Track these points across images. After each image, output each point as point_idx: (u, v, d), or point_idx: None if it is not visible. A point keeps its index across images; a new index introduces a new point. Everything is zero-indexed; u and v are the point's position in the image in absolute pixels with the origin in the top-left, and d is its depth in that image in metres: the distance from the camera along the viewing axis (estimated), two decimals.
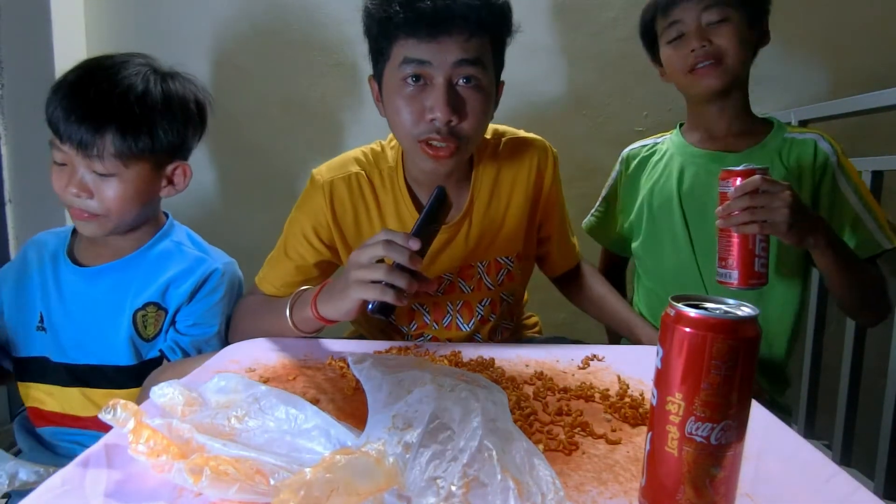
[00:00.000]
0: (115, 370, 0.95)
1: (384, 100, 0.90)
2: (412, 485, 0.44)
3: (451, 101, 0.83)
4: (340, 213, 0.98)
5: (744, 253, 0.85)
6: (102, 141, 0.87)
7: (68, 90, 0.89)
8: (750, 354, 0.43)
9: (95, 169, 0.89)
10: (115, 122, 0.87)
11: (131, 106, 0.89)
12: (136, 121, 0.89)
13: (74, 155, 0.88)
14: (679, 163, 1.13)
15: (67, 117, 0.87)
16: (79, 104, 0.87)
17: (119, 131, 0.88)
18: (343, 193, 0.97)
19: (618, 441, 0.59)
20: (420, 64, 0.83)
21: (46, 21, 1.53)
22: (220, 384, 0.60)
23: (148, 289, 0.96)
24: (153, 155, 0.93)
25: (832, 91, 1.57)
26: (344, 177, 0.98)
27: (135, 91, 0.90)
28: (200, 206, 1.72)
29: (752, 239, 0.84)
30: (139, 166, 0.92)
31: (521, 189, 1.01)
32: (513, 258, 1.03)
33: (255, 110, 1.70)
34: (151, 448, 0.48)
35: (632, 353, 0.88)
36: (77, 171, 0.90)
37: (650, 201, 1.15)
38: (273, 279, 1.02)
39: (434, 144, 0.85)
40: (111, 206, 0.91)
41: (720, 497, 0.44)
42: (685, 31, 1.04)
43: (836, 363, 1.23)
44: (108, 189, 0.90)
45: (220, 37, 1.67)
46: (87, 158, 0.88)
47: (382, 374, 0.65)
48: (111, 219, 0.93)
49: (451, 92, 0.83)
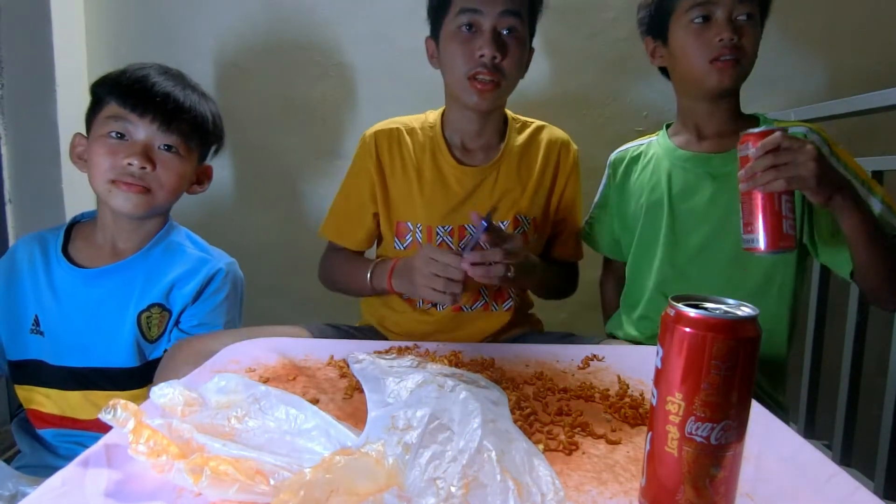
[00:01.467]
0: (119, 372, 0.95)
1: (441, 49, 1.05)
2: (412, 485, 0.44)
3: (496, 41, 0.99)
4: (385, 161, 1.11)
5: (770, 214, 0.81)
6: (181, 118, 0.96)
7: (150, 70, 0.97)
8: (750, 354, 0.43)
9: (168, 141, 0.96)
10: (189, 107, 0.98)
11: (194, 101, 1.00)
12: (199, 115, 1.00)
13: (152, 128, 0.94)
14: (667, 167, 1.11)
15: (150, 94, 0.94)
16: (167, 79, 0.97)
17: (193, 115, 0.99)
18: (384, 143, 1.11)
19: (618, 441, 0.59)
20: (472, 13, 0.99)
21: (46, 21, 1.53)
22: (220, 384, 0.60)
23: (152, 290, 0.96)
24: (202, 150, 1.05)
25: (832, 91, 1.57)
26: (385, 130, 1.12)
27: (192, 92, 1.01)
28: (201, 206, 1.71)
29: (777, 199, 0.80)
30: (193, 154, 1.02)
31: (545, 166, 1.12)
32: (530, 220, 1.10)
33: (256, 111, 1.70)
34: (151, 448, 0.48)
35: (632, 353, 0.88)
36: (140, 144, 0.94)
37: (640, 203, 1.14)
38: (338, 230, 1.16)
39: (480, 79, 1.00)
40: (166, 181, 0.96)
41: (720, 497, 0.44)
42: (714, 17, 0.99)
43: (836, 363, 1.23)
44: (170, 163, 0.97)
45: (221, 37, 1.67)
46: (166, 132, 0.95)
47: (382, 375, 0.66)
48: (158, 197, 0.97)
49: (496, 35, 0.99)
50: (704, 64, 1.00)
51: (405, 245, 1.10)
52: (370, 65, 1.65)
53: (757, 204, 0.81)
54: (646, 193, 1.13)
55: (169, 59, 1.00)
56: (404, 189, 1.09)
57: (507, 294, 1.10)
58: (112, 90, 0.95)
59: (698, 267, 1.08)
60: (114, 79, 0.96)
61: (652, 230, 1.12)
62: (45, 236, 1.01)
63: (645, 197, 1.13)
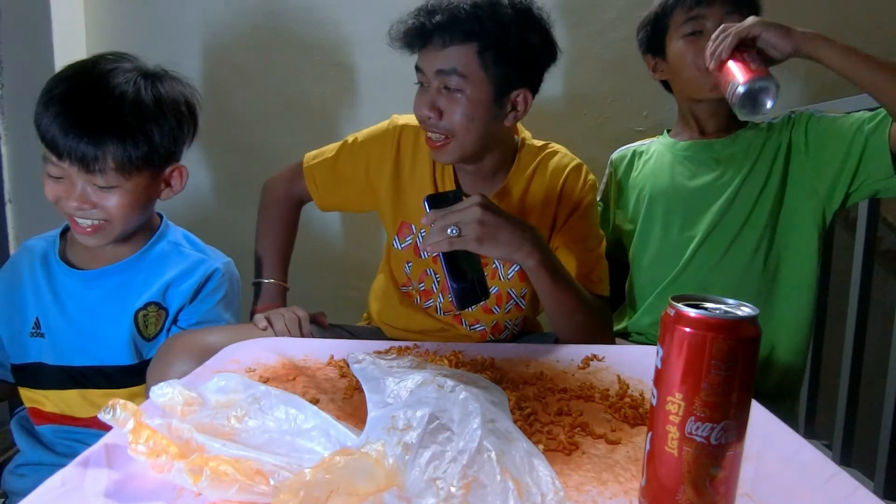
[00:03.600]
0: (115, 370, 0.95)
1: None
2: (412, 485, 0.44)
3: (431, 101, 0.96)
4: (405, 156, 1.09)
5: (741, 64, 0.93)
6: (104, 155, 0.86)
7: (62, 105, 0.86)
8: (750, 354, 0.43)
9: (97, 182, 0.88)
10: (114, 134, 0.86)
11: (127, 117, 0.87)
12: (133, 131, 0.88)
13: (76, 171, 0.87)
14: (669, 159, 1.16)
15: (65, 133, 0.85)
16: (75, 119, 0.85)
17: (119, 144, 0.87)
18: (409, 139, 1.09)
19: (618, 441, 0.59)
20: (418, 70, 0.98)
21: (46, 21, 1.53)
22: (219, 384, 0.60)
23: (149, 289, 0.97)
24: (152, 162, 0.92)
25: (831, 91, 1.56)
26: (413, 126, 1.09)
27: (127, 100, 0.88)
28: (200, 207, 1.72)
29: (740, 56, 0.93)
30: (140, 176, 0.91)
31: (548, 197, 1.06)
32: None
33: (255, 110, 1.69)
34: (151, 448, 0.48)
35: (632, 353, 0.88)
36: (76, 185, 0.88)
37: (643, 195, 1.18)
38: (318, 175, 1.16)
39: (429, 135, 0.99)
40: (114, 214, 0.91)
41: (720, 497, 0.44)
42: (705, 29, 1.05)
43: (836, 363, 1.23)
44: (110, 200, 0.90)
45: (221, 37, 1.67)
46: (89, 173, 0.87)
47: (382, 375, 0.66)
48: (114, 226, 0.92)
49: (435, 94, 0.96)
50: (700, 72, 1.05)
51: (403, 245, 1.10)
52: (370, 65, 1.65)
53: (730, 69, 0.93)
54: (648, 185, 1.17)
55: (169, 59, 0.99)
56: (416, 190, 1.08)
57: (502, 326, 1.09)
58: (37, 125, 0.87)
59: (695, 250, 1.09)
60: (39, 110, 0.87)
61: (654, 219, 1.14)
62: (42, 239, 1.02)
63: (648, 188, 1.16)
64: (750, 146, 1.09)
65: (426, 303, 1.10)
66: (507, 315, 1.08)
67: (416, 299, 1.10)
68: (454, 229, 0.80)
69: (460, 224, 0.80)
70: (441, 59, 0.93)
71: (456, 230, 0.80)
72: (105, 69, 0.90)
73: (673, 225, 1.13)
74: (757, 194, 1.07)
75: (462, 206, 0.82)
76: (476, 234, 0.80)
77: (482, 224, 0.81)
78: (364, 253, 1.69)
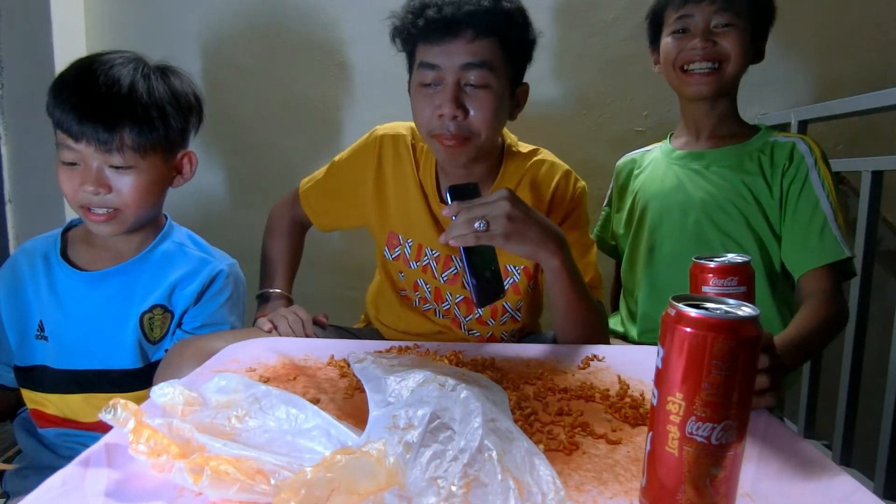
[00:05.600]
0: (121, 374, 0.94)
1: (411, 99, 0.98)
2: (413, 484, 0.44)
3: (457, 99, 0.90)
4: (386, 168, 1.08)
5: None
6: (120, 135, 0.88)
7: (74, 89, 0.88)
8: (750, 354, 0.43)
9: (113, 163, 0.89)
10: (130, 115, 0.89)
11: (141, 100, 0.90)
12: (148, 112, 0.90)
13: (92, 152, 0.88)
14: (663, 167, 1.17)
15: (81, 115, 0.86)
16: (90, 101, 0.87)
17: (135, 124, 0.89)
18: (388, 150, 1.08)
19: (618, 441, 0.59)
20: (432, 68, 0.91)
21: (46, 21, 1.53)
22: (220, 384, 0.60)
23: (154, 291, 0.96)
24: (166, 145, 0.94)
25: (832, 91, 1.57)
26: (392, 135, 1.08)
27: (141, 86, 0.91)
28: (201, 207, 1.72)
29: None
30: (154, 157, 0.93)
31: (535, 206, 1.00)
32: (520, 270, 1.04)
33: (255, 110, 1.70)
34: (152, 448, 0.48)
35: (632, 353, 0.88)
36: (91, 167, 0.89)
37: (637, 202, 1.19)
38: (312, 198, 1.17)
39: (446, 138, 0.93)
40: (129, 199, 0.91)
41: (720, 497, 0.44)
42: (691, 28, 1.06)
43: (836, 363, 1.23)
44: (126, 182, 0.91)
45: (221, 37, 1.67)
46: (106, 153, 0.88)
47: (383, 374, 0.66)
48: (128, 214, 0.93)
49: (458, 91, 0.90)
50: (677, 72, 1.08)
51: (394, 255, 1.09)
52: (370, 65, 1.65)
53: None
54: (642, 192, 1.18)
55: (169, 59, 0.99)
56: (401, 200, 1.06)
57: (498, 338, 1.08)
58: (51, 114, 0.89)
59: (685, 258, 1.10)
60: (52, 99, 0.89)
61: (644, 227, 1.16)
62: (41, 243, 1.00)
63: (641, 195, 1.17)
64: (742, 163, 1.08)
65: (424, 306, 1.09)
66: (502, 327, 1.07)
67: (415, 302, 1.10)
68: (482, 223, 0.77)
69: (488, 218, 0.77)
70: (470, 52, 0.89)
71: (483, 224, 0.77)
72: (111, 59, 0.92)
73: (662, 233, 1.13)
74: (745, 206, 1.07)
75: (490, 200, 0.79)
76: (504, 230, 0.77)
77: (511, 219, 0.78)
78: (364, 253, 1.69)
